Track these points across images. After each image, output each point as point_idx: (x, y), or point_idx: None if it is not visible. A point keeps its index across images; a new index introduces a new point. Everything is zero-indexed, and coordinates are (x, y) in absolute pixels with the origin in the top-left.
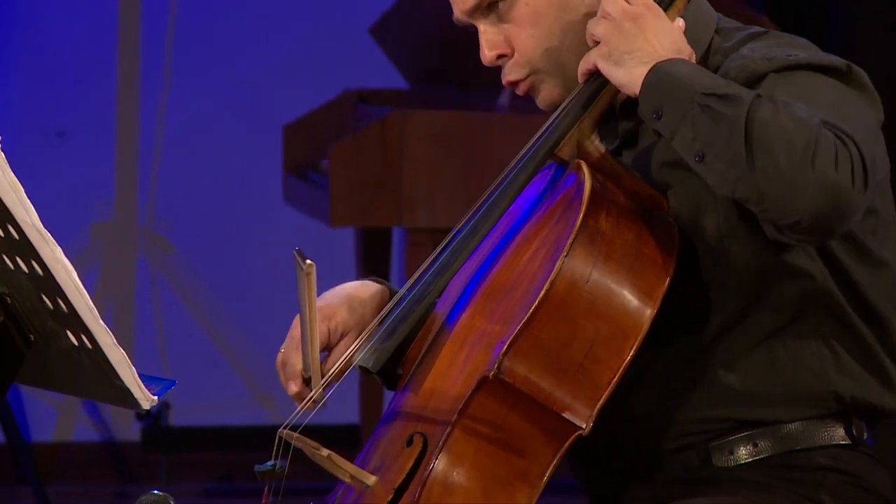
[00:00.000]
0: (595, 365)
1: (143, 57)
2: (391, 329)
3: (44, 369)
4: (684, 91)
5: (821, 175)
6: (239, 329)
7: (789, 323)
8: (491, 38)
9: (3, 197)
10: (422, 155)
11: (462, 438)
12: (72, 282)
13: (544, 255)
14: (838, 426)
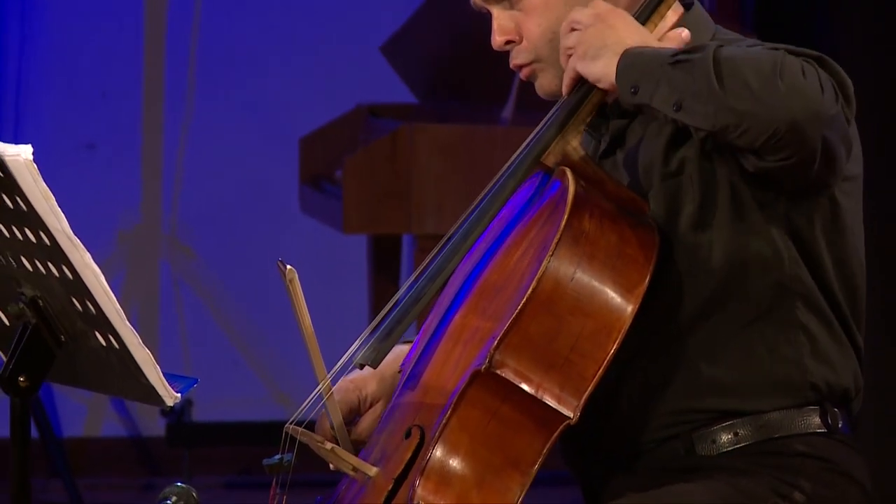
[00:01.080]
0: (581, 358)
1: (168, 73)
2: (389, 329)
3: (74, 368)
4: (655, 61)
5: (789, 84)
6: (257, 330)
7: (764, 313)
8: (502, 24)
9: (35, 205)
10: (429, 166)
11: (457, 429)
12: (100, 285)
13: (532, 256)
14: (814, 415)
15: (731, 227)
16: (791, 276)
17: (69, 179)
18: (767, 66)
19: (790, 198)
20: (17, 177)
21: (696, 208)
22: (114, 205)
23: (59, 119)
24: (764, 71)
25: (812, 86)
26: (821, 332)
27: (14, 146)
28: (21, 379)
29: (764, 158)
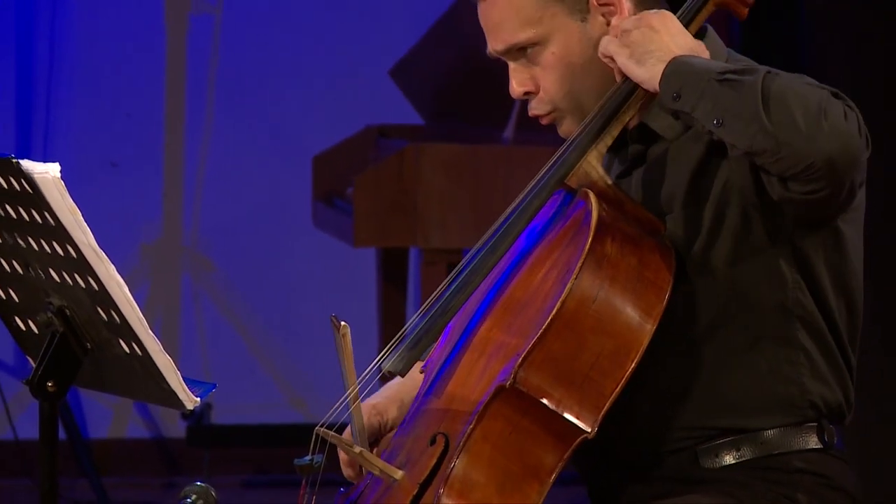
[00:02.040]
0: (600, 376)
1: (188, 96)
2: (418, 339)
3: (99, 373)
4: (702, 73)
5: (833, 125)
6: (273, 338)
7: (768, 334)
8: (520, 77)
9: (62, 220)
10: (435, 183)
11: (480, 439)
12: (124, 296)
13: (556, 276)
14: (812, 433)
15: (740, 252)
16: (794, 299)
17: (95, 195)
18: (814, 104)
19: (798, 227)
20: (46, 193)
21: (711, 234)
22: (137, 219)
23: (85, 138)
24: (810, 108)
25: (852, 130)
26: (818, 353)
27: (42, 164)
28: (49, 384)
29: (790, 188)
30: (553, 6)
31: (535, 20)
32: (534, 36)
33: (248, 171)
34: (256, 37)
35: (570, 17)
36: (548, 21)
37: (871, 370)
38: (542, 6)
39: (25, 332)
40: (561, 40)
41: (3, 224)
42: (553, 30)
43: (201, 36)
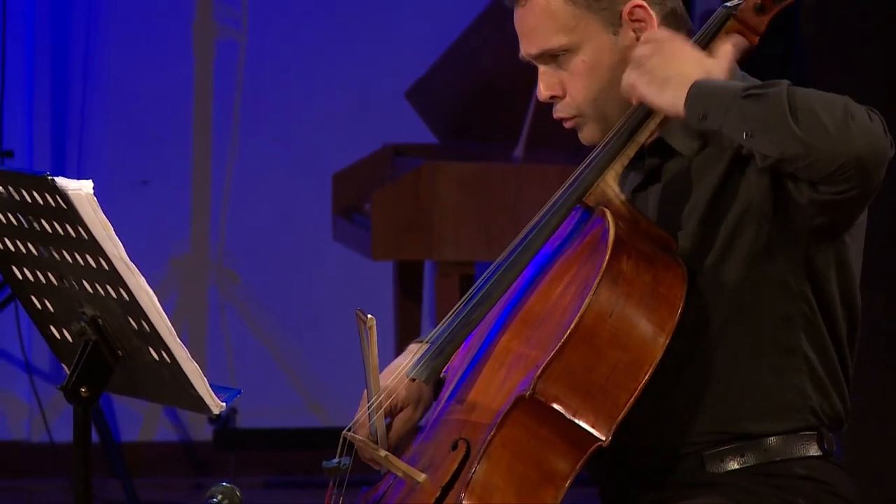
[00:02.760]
0: (615, 387)
1: (215, 117)
2: (441, 348)
3: (130, 380)
4: (725, 92)
5: (860, 126)
6: (295, 347)
7: (774, 343)
8: (548, 81)
9: (95, 234)
10: (449, 199)
11: (500, 446)
12: (153, 306)
13: (574, 292)
14: (812, 440)
15: (752, 267)
16: (799, 311)
17: (126, 212)
18: (839, 108)
19: (809, 241)
20: (80, 209)
21: (724, 249)
22: (166, 235)
23: (117, 158)
24: (836, 112)
25: (877, 129)
26: (820, 363)
27: (77, 181)
28: (83, 390)
29: (820, 191)
30: (587, 16)
31: (570, 28)
32: (566, 43)
33: (272, 188)
34: (279, 61)
35: (602, 28)
36: (581, 30)
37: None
38: (577, 15)
39: (60, 340)
40: (592, 49)
41: (39, 238)
42: (585, 38)
43: (227, 61)
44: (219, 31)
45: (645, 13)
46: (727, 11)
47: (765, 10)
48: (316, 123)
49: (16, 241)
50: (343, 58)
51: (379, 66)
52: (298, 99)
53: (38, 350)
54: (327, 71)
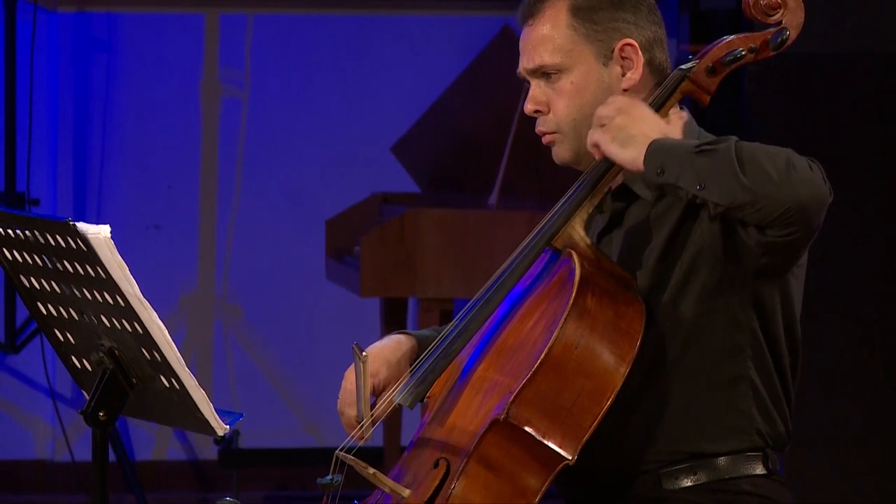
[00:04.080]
0: (581, 411)
1: (220, 168)
2: (423, 377)
3: (143, 404)
4: (679, 150)
5: (802, 175)
6: (292, 374)
7: (724, 371)
8: (536, 96)
9: (112, 273)
10: (430, 242)
11: (477, 464)
12: (165, 338)
13: (544, 326)
14: (758, 460)
15: (704, 303)
16: (748, 342)
17: (140, 253)
18: (782, 160)
19: (757, 280)
20: (98, 251)
21: (680, 287)
22: (176, 274)
23: (132, 205)
24: (779, 162)
25: (817, 177)
26: (765, 389)
27: (95, 226)
28: (101, 414)
29: (767, 234)
30: (584, 44)
31: (566, 51)
32: (560, 63)
33: (271, 232)
34: (278, 117)
35: (595, 57)
36: (576, 54)
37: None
38: (575, 41)
39: (80, 369)
40: (581, 73)
41: (61, 277)
42: (577, 63)
43: (231, 117)
44: (224, 91)
45: (633, 52)
46: (682, 73)
47: (715, 71)
48: (311, 174)
49: (41, 280)
50: (335, 115)
51: (367, 123)
52: (295, 152)
53: (61, 378)
54: (321, 127)
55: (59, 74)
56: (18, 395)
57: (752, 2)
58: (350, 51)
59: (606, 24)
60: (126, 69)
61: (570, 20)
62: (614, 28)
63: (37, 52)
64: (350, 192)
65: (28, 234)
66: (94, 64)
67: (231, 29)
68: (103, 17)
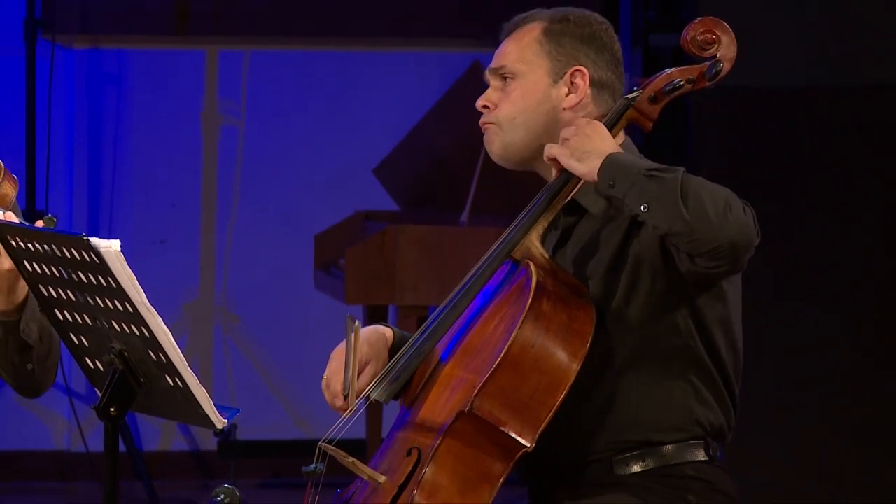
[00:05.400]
0: (537, 404)
1: (219, 188)
2: (396, 375)
3: (150, 401)
4: (631, 169)
5: (736, 218)
6: (284, 374)
7: (666, 370)
8: (489, 95)
9: (122, 283)
10: (409, 255)
11: (445, 452)
12: (169, 342)
13: (504, 328)
14: (700, 448)
15: (647, 308)
16: (686, 345)
17: (147, 265)
18: (721, 200)
19: (694, 288)
20: (109, 262)
21: (626, 294)
22: (179, 284)
23: (140, 221)
24: (718, 202)
25: (749, 222)
26: (704, 386)
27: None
28: (112, 409)
29: (696, 263)
30: (543, 59)
31: (527, 60)
32: (518, 69)
33: (265, 246)
34: (271, 143)
35: (547, 73)
36: (533, 66)
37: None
38: (537, 53)
39: (94, 369)
40: (531, 82)
41: (76, 286)
42: (531, 72)
43: (229, 143)
44: (222, 120)
45: (582, 80)
46: (627, 102)
47: (657, 100)
48: (301, 194)
49: (58, 289)
50: (322, 141)
51: (351, 148)
52: (286, 174)
53: (76, 377)
54: (310, 151)
55: (74, 104)
56: None
57: (689, 38)
58: (336, 83)
59: (568, 50)
60: (134, 100)
61: (540, 36)
62: (574, 56)
63: (54, 85)
64: (336, 210)
65: (46, 247)
66: (106, 95)
67: (229, 64)
68: (114, 54)
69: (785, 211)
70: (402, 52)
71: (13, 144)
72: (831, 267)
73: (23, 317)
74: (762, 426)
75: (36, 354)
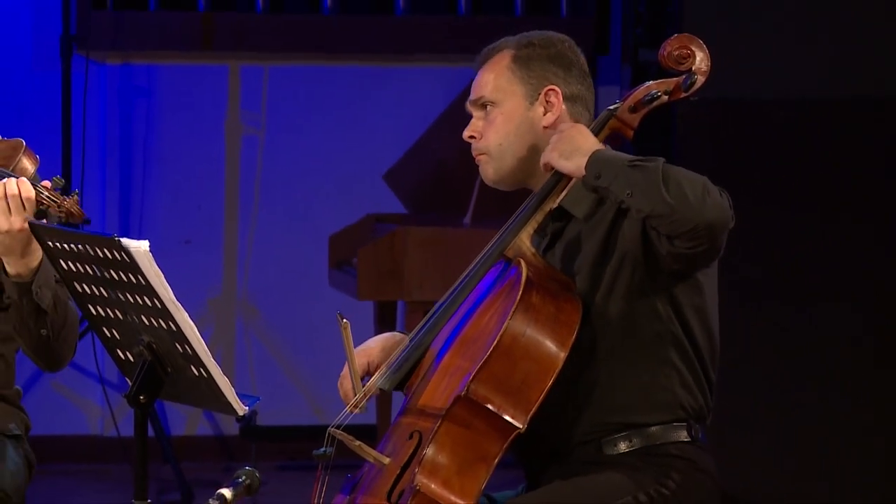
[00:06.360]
0: (528, 388)
1: (241, 192)
2: (399, 365)
3: (177, 390)
4: (616, 161)
5: (713, 200)
6: (300, 364)
7: (650, 356)
8: (473, 125)
9: (150, 280)
10: (416, 255)
11: (444, 434)
12: (194, 334)
13: (496, 320)
14: (683, 429)
15: (630, 299)
16: (668, 331)
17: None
18: (699, 185)
19: (671, 279)
20: (138, 261)
21: (609, 287)
22: (204, 281)
23: (168, 222)
24: (697, 187)
25: (725, 205)
26: (685, 369)
27: (136, 241)
28: (141, 397)
29: (675, 244)
30: (517, 84)
31: (502, 88)
32: (496, 97)
33: (283, 246)
34: (289, 151)
35: (523, 96)
36: (509, 93)
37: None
38: (511, 80)
39: (125, 360)
40: (510, 107)
41: (108, 284)
42: (508, 98)
43: (250, 151)
44: (244, 130)
45: (556, 98)
46: (609, 112)
47: (636, 110)
48: (316, 197)
49: (91, 286)
50: (336, 149)
51: (363, 156)
52: (303, 180)
53: (108, 367)
54: (324, 159)
55: (107, 115)
56: (74, 381)
57: (665, 53)
58: (348, 96)
59: (538, 72)
60: (163, 111)
61: (511, 64)
62: (544, 77)
63: (89, 97)
64: (348, 213)
65: (81, 248)
66: (136, 107)
67: (250, 78)
68: (144, 69)
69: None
70: (408, 68)
71: (51, 152)
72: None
73: (35, 279)
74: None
75: (50, 321)
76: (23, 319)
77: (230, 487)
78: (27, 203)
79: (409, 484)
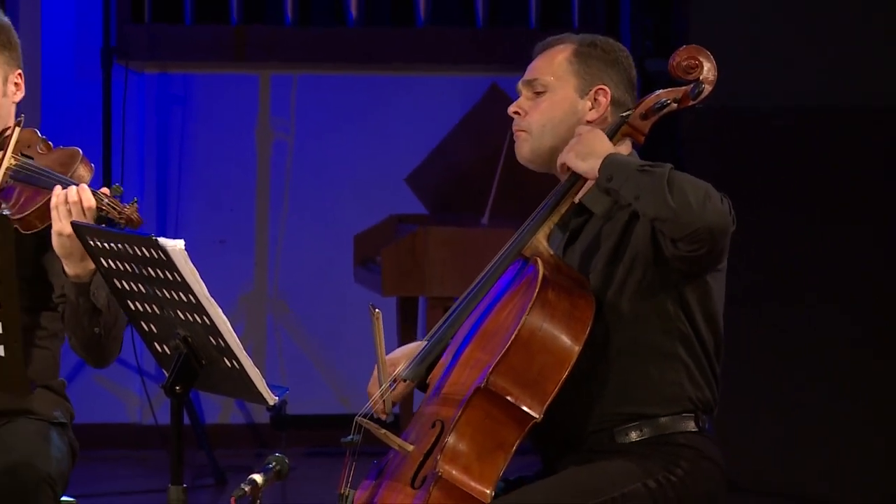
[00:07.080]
0: (544, 380)
1: (272, 195)
2: (422, 358)
3: (211, 381)
4: (627, 165)
5: (714, 206)
6: (328, 356)
7: (659, 351)
8: (520, 103)
9: (186, 278)
10: (436, 253)
11: (465, 424)
12: (227, 329)
13: (515, 315)
14: (691, 420)
15: (642, 295)
16: (676, 327)
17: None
18: (702, 191)
19: (681, 279)
20: (175, 259)
21: (622, 285)
22: (237, 278)
23: (203, 223)
24: (699, 192)
25: (726, 210)
26: (693, 365)
27: (173, 240)
28: (177, 388)
29: (678, 247)
30: (572, 76)
31: (557, 76)
32: (549, 82)
33: (311, 245)
34: (316, 156)
35: (574, 88)
36: (563, 81)
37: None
38: (567, 71)
39: (161, 352)
40: (559, 95)
41: (146, 280)
42: (560, 87)
43: (280, 155)
44: (274, 136)
45: (604, 97)
46: (622, 119)
47: (647, 117)
48: (342, 200)
49: (130, 283)
50: (361, 154)
51: (386, 160)
52: (330, 182)
53: (147, 359)
54: (350, 163)
55: (145, 122)
56: (114, 372)
57: (675, 63)
58: (372, 104)
59: (595, 71)
60: (198, 118)
61: (571, 56)
62: (598, 76)
63: (128, 105)
64: (373, 214)
65: (120, 247)
66: (173, 114)
67: (280, 87)
68: (180, 78)
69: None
70: (429, 77)
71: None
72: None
73: (93, 281)
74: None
75: (103, 321)
76: (78, 318)
77: (261, 473)
78: (88, 211)
79: (431, 470)
